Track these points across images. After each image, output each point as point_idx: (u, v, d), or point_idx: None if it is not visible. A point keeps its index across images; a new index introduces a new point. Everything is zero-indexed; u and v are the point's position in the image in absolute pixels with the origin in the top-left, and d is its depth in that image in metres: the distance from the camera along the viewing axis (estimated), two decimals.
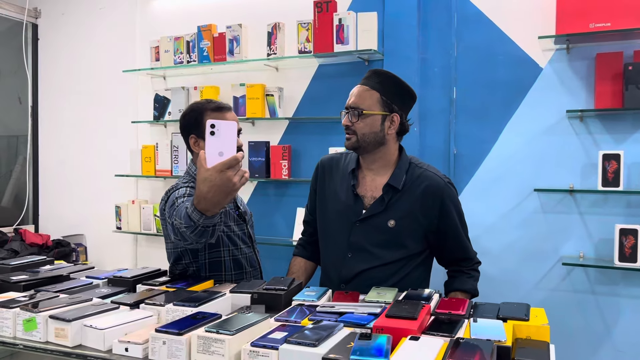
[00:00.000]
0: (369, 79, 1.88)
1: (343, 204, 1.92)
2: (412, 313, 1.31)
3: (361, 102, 1.84)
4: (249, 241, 2.12)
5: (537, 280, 2.89)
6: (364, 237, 1.87)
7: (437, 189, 1.86)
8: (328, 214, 1.98)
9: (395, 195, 1.86)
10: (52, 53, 4.34)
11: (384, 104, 1.84)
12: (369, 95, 1.84)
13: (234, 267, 2.01)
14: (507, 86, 2.95)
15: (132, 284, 1.75)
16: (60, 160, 4.32)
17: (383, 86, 1.85)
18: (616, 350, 2.73)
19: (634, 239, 2.56)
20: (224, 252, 1.99)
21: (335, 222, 1.94)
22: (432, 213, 1.85)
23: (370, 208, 1.87)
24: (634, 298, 2.71)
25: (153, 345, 1.24)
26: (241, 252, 2.04)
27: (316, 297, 1.57)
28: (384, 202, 1.85)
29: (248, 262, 2.07)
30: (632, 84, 2.58)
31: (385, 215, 1.85)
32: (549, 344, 1.27)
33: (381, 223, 1.85)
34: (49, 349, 1.33)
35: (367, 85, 1.86)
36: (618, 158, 2.60)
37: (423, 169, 1.91)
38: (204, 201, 1.42)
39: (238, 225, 2.06)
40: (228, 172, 1.36)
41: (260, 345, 1.16)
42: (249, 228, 2.13)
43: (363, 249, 1.87)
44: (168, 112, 3.72)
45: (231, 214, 2.05)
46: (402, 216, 1.84)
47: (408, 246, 1.86)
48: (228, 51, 3.42)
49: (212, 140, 1.39)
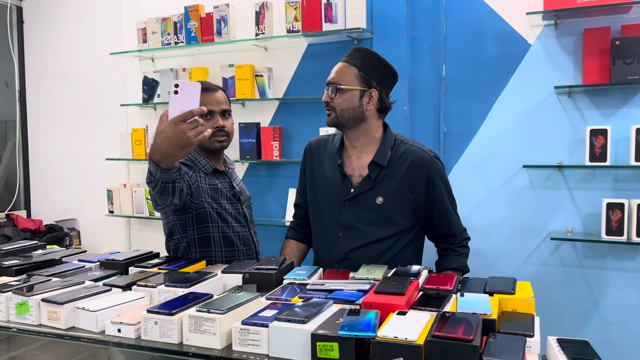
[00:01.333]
0: (350, 55, 1.89)
1: (332, 184, 1.93)
2: (400, 289, 1.33)
3: (339, 77, 1.86)
4: (244, 221, 2.12)
5: (527, 255, 2.93)
6: (354, 215, 1.89)
7: (423, 163, 1.87)
8: (318, 195, 1.99)
9: (382, 172, 1.87)
10: (38, 36, 4.29)
11: (362, 79, 1.85)
12: (347, 71, 1.86)
13: (223, 244, 2.02)
14: (496, 63, 2.95)
15: (124, 266, 1.76)
16: (50, 144, 4.30)
17: (362, 62, 1.86)
18: (603, 322, 2.79)
19: (620, 213, 2.60)
20: (213, 228, 2.00)
21: (325, 202, 1.96)
22: (419, 188, 1.87)
23: (357, 187, 1.88)
24: (620, 271, 2.76)
25: (145, 325, 1.26)
26: (233, 229, 2.05)
27: (307, 276, 1.59)
28: (370, 180, 1.87)
29: (241, 241, 2.08)
30: (619, 59, 2.59)
31: (373, 192, 1.87)
32: (533, 316, 1.30)
33: (369, 201, 1.87)
34: (42, 331, 1.34)
35: (346, 62, 1.88)
36: (605, 133, 2.62)
37: (408, 144, 1.92)
38: (158, 152, 1.49)
39: (231, 204, 2.07)
40: (182, 125, 1.42)
41: (251, 323, 1.18)
42: (244, 208, 2.14)
43: (353, 228, 1.89)
44: (157, 94, 3.70)
45: (224, 192, 2.06)
46: (389, 193, 1.86)
47: (398, 222, 1.88)
48: (216, 32, 3.40)
49: (174, 99, 1.44)
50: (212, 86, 2.05)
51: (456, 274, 1.90)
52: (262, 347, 1.16)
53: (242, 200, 2.14)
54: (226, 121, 2.06)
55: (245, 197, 2.18)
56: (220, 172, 2.08)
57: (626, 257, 2.74)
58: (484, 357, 1.03)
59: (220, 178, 2.07)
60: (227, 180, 2.10)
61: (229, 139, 2.07)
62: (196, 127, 1.45)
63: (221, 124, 2.01)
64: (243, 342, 1.18)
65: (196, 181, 1.95)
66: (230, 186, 2.10)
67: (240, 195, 2.14)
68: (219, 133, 2.01)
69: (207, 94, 2.00)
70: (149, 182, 1.62)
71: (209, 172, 2.03)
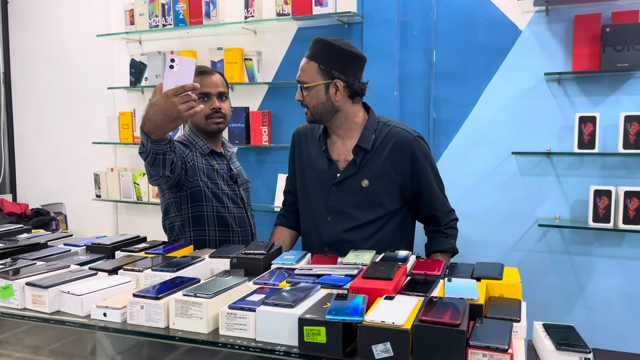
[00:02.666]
0: (310, 49, 1.87)
1: (318, 169, 1.94)
2: (388, 274, 1.33)
3: (304, 75, 1.86)
4: (241, 203, 2.14)
5: (514, 242, 2.95)
6: (341, 199, 1.89)
7: (406, 143, 1.87)
8: (306, 180, 1.99)
9: (367, 156, 1.87)
10: (23, 17, 4.21)
11: (324, 72, 1.83)
12: (309, 67, 1.85)
13: (217, 224, 2.04)
14: (487, 49, 2.94)
15: (110, 250, 1.74)
16: (36, 128, 4.24)
17: (321, 54, 1.83)
18: (589, 308, 2.82)
19: (607, 200, 2.62)
20: (207, 207, 2.02)
21: (313, 187, 1.96)
22: (404, 168, 1.87)
23: (343, 171, 1.89)
24: (606, 257, 2.78)
25: (131, 310, 1.25)
26: (228, 210, 2.07)
27: (295, 261, 1.59)
28: (355, 164, 1.87)
29: (236, 222, 2.10)
30: (609, 46, 2.59)
31: (359, 176, 1.87)
32: (520, 301, 1.30)
33: (355, 184, 1.87)
34: (26, 315, 1.33)
35: (307, 57, 1.86)
36: (594, 120, 2.63)
37: (391, 126, 1.91)
38: (149, 123, 1.54)
39: (228, 185, 2.10)
40: (174, 98, 1.47)
41: (238, 307, 1.17)
42: (241, 191, 2.15)
43: (341, 212, 1.89)
44: (145, 77, 3.65)
45: (221, 173, 2.09)
46: (375, 175, 1.86)
47: (385, 204, 1.88)
48: (204, 14, 3.35)
49: (169, 73, 1.48)
50: (210, 69, 2.08)
51: (445, 256, 1.91)
52: (249, 332, 1.16)
53: (240, 183, 2.15)
54: (223, 103, 2.08)
55: (243, 180, 2.20)
56: (217, 153, 2.12)
57: (612, 243, 2.77)
58: (470, 341, 1.03)
59: (218, 159, 2.10)
60: (225, 162, 2.13)
61: (225, 121, 2.10)
62: (188, 101, 1.48)
63: (217, 106, 2.04)
64: (230, 326, 1.17)
65: (192, 160, 1.99)
66: (228, 168, 2.13)
67: (238, 178, 2.15)
68: (216, 115, 2.04)
69: (204, 76, 2.04)
70: (141, 153, 1.67)
71: (206, 153, 2.07)
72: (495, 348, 1.01)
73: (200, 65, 2.06)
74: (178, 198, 2.01)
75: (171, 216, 2.05)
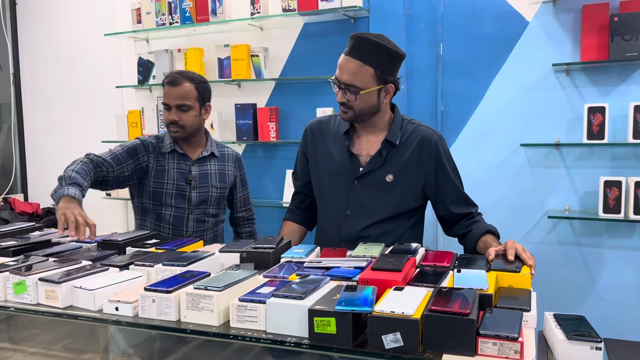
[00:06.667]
0: (358, 49, 1.74)
1: (338, 163, 1.92)
2: (397, 265, 1.33)
3: (356, 79, 1.75)
4: (186, 204, 2.27)
5: (524, 234, 2.94)
6: (363, 194, 1.88)
7: (432, 142, 1.87)
8: (322, 176, 1.97)
9: (392, 150, 1.87)
10: (31, 17, 4.24)
11: (379, 78, 1.77)
12: (363, 72, 1.74)
13: (155, 218, 2.27)
14: (494, 41, 2.93)
15: (121, 247, 1.76)
16: (46, 127, 4.28)
17: (377, 60, 1.75)
18: (600, 299, 2.81)
19: (618, 191, 2.60)
20: (145, 203, 2.28)
21: (331, 182, 1.94)
22: (428, 166, 1.87)
23: (368, 164, 1.87)
24: (617, 248, 2.77)
25: (143, 303, 1.26)
26: (165, 207, 2.26)
27: (304, 254, 1.59)
28: (382, 157, 1.86)
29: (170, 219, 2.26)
30: (617, 35, 2.57)
31: (383, 170, 1.86)
32: (530, 291, 1.30)
33: (379, 178, 1.87)
34: (40, 310, 1.34)
35: (357, 59, 1.74)
36: (603, 111, 2.61)
37: (416, 124, 1.92)
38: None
39: (177, 185, 2.25)
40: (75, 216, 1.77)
41: (249, 299, 1.18)
42: (192, 193, 2.27)
43: (362, 206, 1.89)
44: (152, 75, 3.67)
45: (172, 173, 2.25)
46: (399, 170, 1.86)
47: (407, 201, 1.88)
48: (211, 11, 3.36)
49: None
50: (178, 80, 2.22)
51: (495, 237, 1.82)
52: (260, 324, 1.16)
53: (195, 186, 2.28)
54: (183, 114, 2.21)
55: (204, 184, 2.30)
56: (180, 154, 2.27)
57: (623, 234, 2.75)
58: (480, 330, 1.03)
59: (179, 160, 2.27)
60: (187, 163, 2.27)
61: (184, 131, 2.24)
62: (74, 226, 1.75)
63: (171, 118, 2.20)
64: (241, 318, 1.18)
65: (146, 161, 2.24)
66: (187, 170, 2.27)
67: (193, 180, 2.27)
68: (172, 125, 2.22)
69: (168, 87, 2.22)
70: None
71: (167, 152, 2.26)
72: (506, 337, 1.01)
73: (176, 73, 2.24)
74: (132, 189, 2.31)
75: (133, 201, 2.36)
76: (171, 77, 2.22)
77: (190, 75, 2.25)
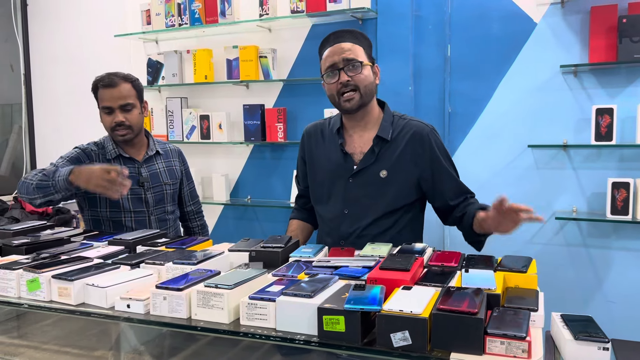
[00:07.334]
0: (343, 36, 1.87)
1: (333, 163, 1.95)
2: (405, 265, 1.35)
3: (356, 54, 1.84)
4: (144, 206, 2.27)
5: (531, 235, 2.94)
6: (359, 191, 1.91)
7: (424, 135, 1.89)
8: (319, 177, 2.01)
9: (385, 146, 1.89)
10: (42, 19, 4.28)
11: (369, 56, 1.89)
12: (357, 49, 1.85)
13: (113, 227, 2.23)
14: (501, 42, 2.93)
15: (132, 245, 1.78)
16: (56, 128, 4.31)
17: (360, 40, 1.88)
18: (607, 301, 2.81)
19: (626, 192, 2.60)
20: (102, 212, 2.23)
21: (328, 183, 1.97)
22: (422, 159, 1.89)
23: (361, 161, 1.90)
24: (625, 250, 2.76)
25: (154, 301, 1.28)
26: (124, 214, 2.23)
27: (313, 254, 1.60)
28: (374, 153, 1.89)
29: (132, 224, 2.24)
30: (626, 37, 2.57)
31: (377, 166, 1.89)
32: (537, 291, 1.31)
33: (373, 175, 1.89)
34: (53, 307, 1.36)
35: (348, 41, 1.86)
36: (611, 112, 2.61)
37: (407, 119, 1.95)
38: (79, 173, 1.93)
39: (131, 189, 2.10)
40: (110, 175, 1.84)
41: (258, 297, 1.19)
42: (148, 195, 2.27)
43: (358, 204, 1.91)
44: (162, 76, 3.70)
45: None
46: (392, 166, 1.88)
47: (402, 195, 1.90)
48: (220, 12, 3.38)
49: None
50: (115, 81, 2.20)
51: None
52: (270, 321, 1.18)
53: (149, 187, 2.27)
54: (127, 114, 2.20)
55: (156, 183, 2.29)
56: (127, 158, 2.25)
57: (631, 236, 2.75)
58: (488, 329, 1.04)
59: (127, 164, 2.24)
60: (135, 166, 2.26)
61: (132, 131, 2.22)
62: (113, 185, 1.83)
63: (119, 119, 2.17)
64: (251, 316, 1.19)
65: None
66: (137, 172, 2.25)
67: (146, 182, 2.26)
68: (119, 127, 2.18)
69: (106, 90, 2.18)
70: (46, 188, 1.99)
71: (113, 157, 2.24)
72: (513, 336, 1.02)
73: (108, 75, 2.22)
74: (81, 200, 2.24)
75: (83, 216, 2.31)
76: (107, 79, 2.20)
77: (124, 75, 2.25)
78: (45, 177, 2.02)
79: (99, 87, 2.22)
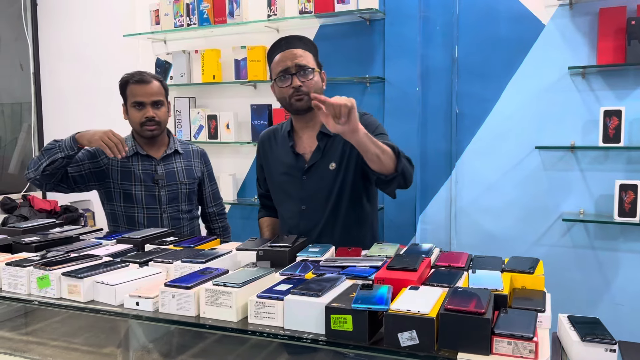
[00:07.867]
0: (293, 42, 1.97)
1: (287, 165, 2.05)
2: (413, 265, 1.35)
3: (307, 61, 1.95)
4: (157, 204, 2.31)
5: (538, 237, 2.93)
6: (313, 186, 2.01)
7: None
8: (276, 179, 2.11)
9: (329, 141, 2.00)
10: (52, 18, 4.31)
11: (317, 63, 2.00)
12: (307, 56, 1.96)
13: (127, 222, 2.31)
14: (509, 44, 2.93)
15: (140, 243, 1.79)
16: (64, 126, 4.32)
17: (309, 47, 1.99)
18: (614, 303, 2.80)
19: (633, 194, 2.59)
20: (117, 206, 2.32)
21: (284, 184, 2.07)
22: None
23: (311, 158, 2.01)
24: (632, 252, 2.75)
25: (163, 299, 1.29)
26: (137, 210, 2.30)
27: (320, 254, 1.61)
28: (320, 150, 2.00)
29: (145, 221, 2.30)
30: (634, 38, 2.56)
31: (325, 160, 2.00)
32: (544, 292, 1.31)
33: (323, 169, 2.00)
34: (63, 304, 1.38)
35: (298, 48, 1.95)
36: (619, 114, 2.60)
37: None
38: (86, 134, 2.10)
39: (145, 186, 2.29)
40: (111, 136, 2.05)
41: (266, 296, 1.20)
42: (161, 193, 2.31)
43: (315, 198, 2.01)
44: (170, 76, 3.71)
45: (138, 175, 2.28)
46: (339, 157, 1.98)
47: (354, 184, 1.99)
48: (228, 13, 3.40)
49: None
50: (147, 78, 2.26)
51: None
52: (277, 320, 1.19)
53: (162, 184, 2.30)
54: (157, 111, 2.26)
55: (172, 182, 2.34)
56: (145, 156, 2.30)
57: (638, 238, 2.74)
58: (495, 330, 1.04)
59: (144, 161, 2.31)
60: (152, 164, 2.31)
61: (160, 127, 2.29)
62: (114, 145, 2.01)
63: (151, 115, 2.23)
64: (259, 315, 1.20)
65: (106, 164, 2.29)
66: (153, 169, 2.29)
67: (160, 179, 2.30)
68: (149, 122, 2.24)
69: (139, 86, 2.24)
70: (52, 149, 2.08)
71: (129, 155, 2.29)
72: (520, 336, 1.02)
73: (139, 73, 2.28)
74: (101, 194, 2.34)
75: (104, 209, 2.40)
76: (138, 75, 2.26)
77: (153, 74, 2.32)
78: (52, 143, 2.14)
79: (129, 82, 2.26)
